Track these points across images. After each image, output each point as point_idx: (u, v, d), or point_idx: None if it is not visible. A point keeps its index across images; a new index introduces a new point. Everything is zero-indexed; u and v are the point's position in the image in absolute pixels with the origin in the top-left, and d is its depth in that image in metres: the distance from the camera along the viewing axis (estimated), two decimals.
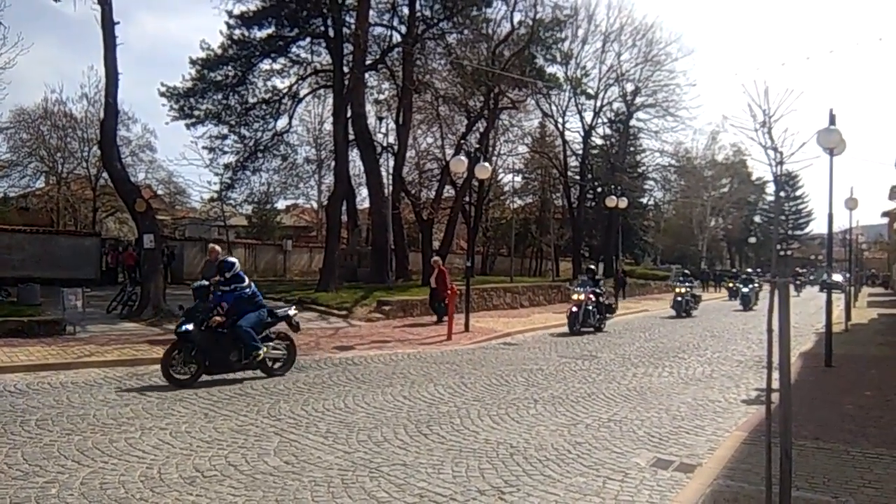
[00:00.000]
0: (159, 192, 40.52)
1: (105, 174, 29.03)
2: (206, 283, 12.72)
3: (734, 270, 60.00)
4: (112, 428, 6.72)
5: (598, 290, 18.06)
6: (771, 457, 4.61)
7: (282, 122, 31.76)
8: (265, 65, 30.02)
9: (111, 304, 17.02)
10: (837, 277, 30.41)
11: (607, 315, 18.69)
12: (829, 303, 13.50)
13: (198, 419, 7.22)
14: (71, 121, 35.73)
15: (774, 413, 4.77)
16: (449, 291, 17.38)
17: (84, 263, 25.52)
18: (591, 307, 17.38)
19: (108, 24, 16.17)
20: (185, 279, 28.67)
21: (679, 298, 24.10)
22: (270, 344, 10.04)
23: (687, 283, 25.10)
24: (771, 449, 4.62)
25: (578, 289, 18.12)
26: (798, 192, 74.22)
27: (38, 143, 36.00)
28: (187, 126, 29.70)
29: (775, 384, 4.76)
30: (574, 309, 17.37)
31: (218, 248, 14.36)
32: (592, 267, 20.84)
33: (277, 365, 10.15)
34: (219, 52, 28.48)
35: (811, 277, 52.94)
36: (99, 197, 36.84)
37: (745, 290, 28.53)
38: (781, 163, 5.38)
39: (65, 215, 38.48)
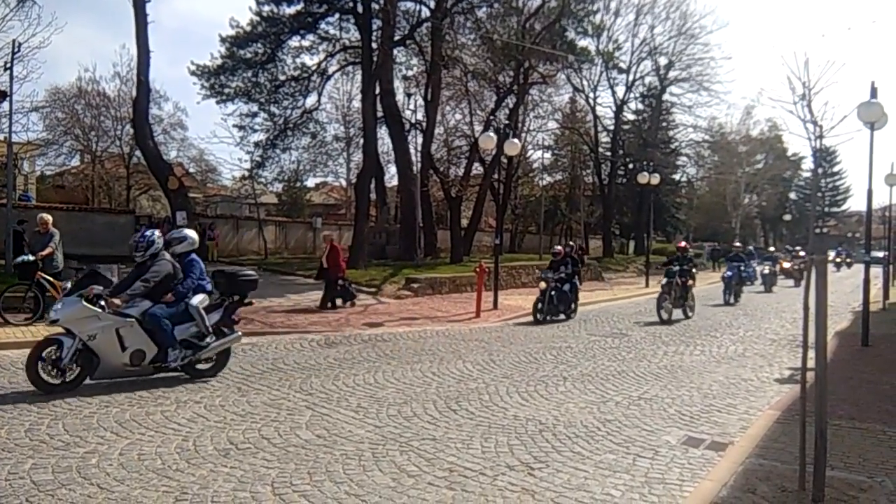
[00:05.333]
0: (191, 169, 41.01)
1: (138, 152, 29.48)
2: (32, 258, 11.62)
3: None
4: (148, 401, 6.87)
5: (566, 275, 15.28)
6: (805, 436, 4.55)
7: (311, 100, 31.92)
8: (294, 42, 30.14)
9: None
10: (878, 255, 29.62)
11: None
12: (866, 281, 13.21)
13: (231, 393, 7.35)
14: (104, 99, 36.29)
15: (809, 392, 4.70)
16: (342, 273, 15.79)
17: (119, 240, 25.91)
18: (553, 293, 14.82)
19: (139, 3, 16.31)
20: (219, 257, 29.10)
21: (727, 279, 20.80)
22: None
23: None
24: (805, 428, 4.56)
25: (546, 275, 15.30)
26: (836, 168, 72.40)
27: (72, 122, 36.61)
28: (218, 104, 30.06)
29: (810, 363, 4.69)
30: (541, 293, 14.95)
31: (49, 217, 12.48)
32: (557, 249, 16.67)
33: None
34: (248, 29, 28.62)
35: (840, 258, 46.86)
36: (132, 175, 37.44)
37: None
38: (821, 137, 5.26)
39: (99, 193, 39.19)
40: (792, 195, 69.80)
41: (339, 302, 15.79)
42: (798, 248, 35.36)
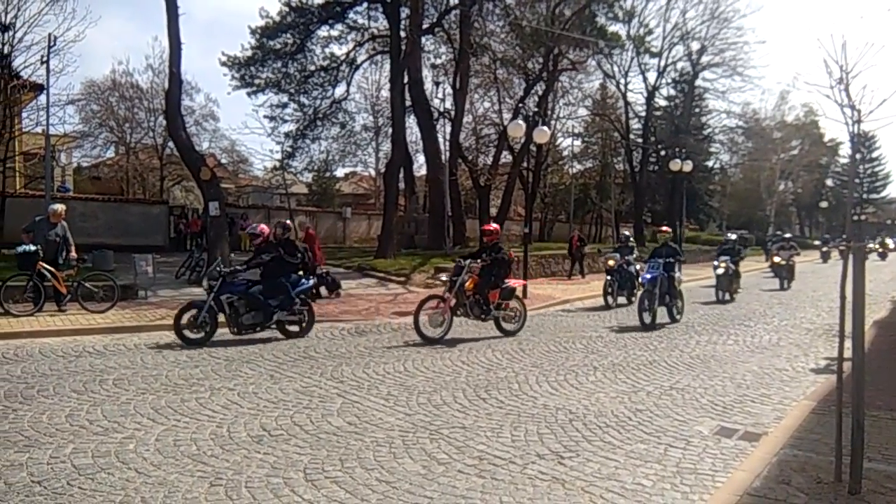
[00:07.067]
0: (223, 160, 41.47)
1: (171, 143, 29.90)
2: (33, 248, 10.98)
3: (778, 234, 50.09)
4: (183, 388, 7.00)
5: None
6: (842, 427, 4.47)
7: (340, 90, 32.01)
8: (323, 31, 30.19)
9: (179, 269, 17.64)
10: None
11: None
12: None
13: (264, 380, 7.45)
14: (137, 91, 36.80)
15: (846, 382, 4.61)
16: (317, 262, 14.45)
17: (153, 230, 26.47)
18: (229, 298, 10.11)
19: None
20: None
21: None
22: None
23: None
24: (842, 419, 4.48)
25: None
26: (875, 154, 70.66)
27: (107, 114, 37.23)
28: (248, 95, 30.28)
29: (847, 353, 4.59)
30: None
31: (63, 209, 12.05)
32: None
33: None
34: (277, 19, 28.76)
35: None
36: (165, 166, 37.98)
37: None
38: (859, 122, 5.11)
39: (134, 184, 39.87)
40: (828, 182, 68.28)
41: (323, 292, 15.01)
42: (788, 234, 26.73)
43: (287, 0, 28.44)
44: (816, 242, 42.89)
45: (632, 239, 18.30)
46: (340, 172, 47.97)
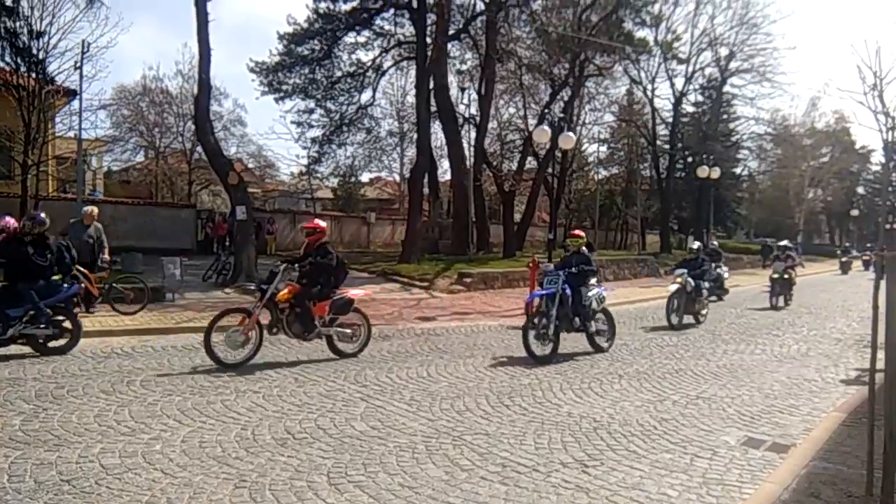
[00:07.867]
0: (250, 165, 41.97)
1: (199, 148, 30.35)
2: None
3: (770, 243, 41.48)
4: (209, 390, 7.07)
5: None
6: (874, 440, 4.38)
7: (366, 96, 32.25)
8: (350, 38, 30.44)
9: (206, 272, 17.85)
10: None
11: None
12: None
13: (288, 384, 7.50)
14: (167, 97, 37.47)
15: (878, 393, 4.52)
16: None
17: (181, 234, 26.83)
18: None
19: (200, 2, 16.70)
20: (277, 250, 29.70)
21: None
22: None
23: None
24: (874, 431, 4.39)
25: None
26: None
27: (137, 119, 37.95)
28: (276, 100, 30.61)
29: (879, 363, 4.51)
30: None
31: (95, 210, 12.22)
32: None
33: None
34: (305, 26, 29.06)
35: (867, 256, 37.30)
36: (194, 170, 38.54)
37: None
38: (893, 128, 5.03)
39: (162, 188, 40.51)
40: (860, 190, 67.03)
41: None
42: (785, 241, 21.61)
43: (315, 7, 28.75)
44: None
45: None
46: (365, 177, 48.27)
